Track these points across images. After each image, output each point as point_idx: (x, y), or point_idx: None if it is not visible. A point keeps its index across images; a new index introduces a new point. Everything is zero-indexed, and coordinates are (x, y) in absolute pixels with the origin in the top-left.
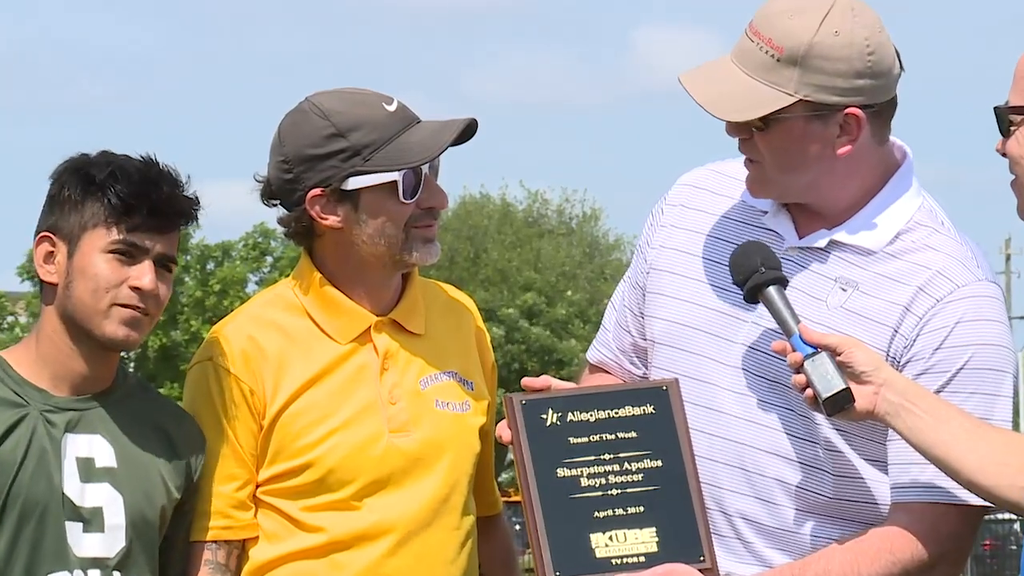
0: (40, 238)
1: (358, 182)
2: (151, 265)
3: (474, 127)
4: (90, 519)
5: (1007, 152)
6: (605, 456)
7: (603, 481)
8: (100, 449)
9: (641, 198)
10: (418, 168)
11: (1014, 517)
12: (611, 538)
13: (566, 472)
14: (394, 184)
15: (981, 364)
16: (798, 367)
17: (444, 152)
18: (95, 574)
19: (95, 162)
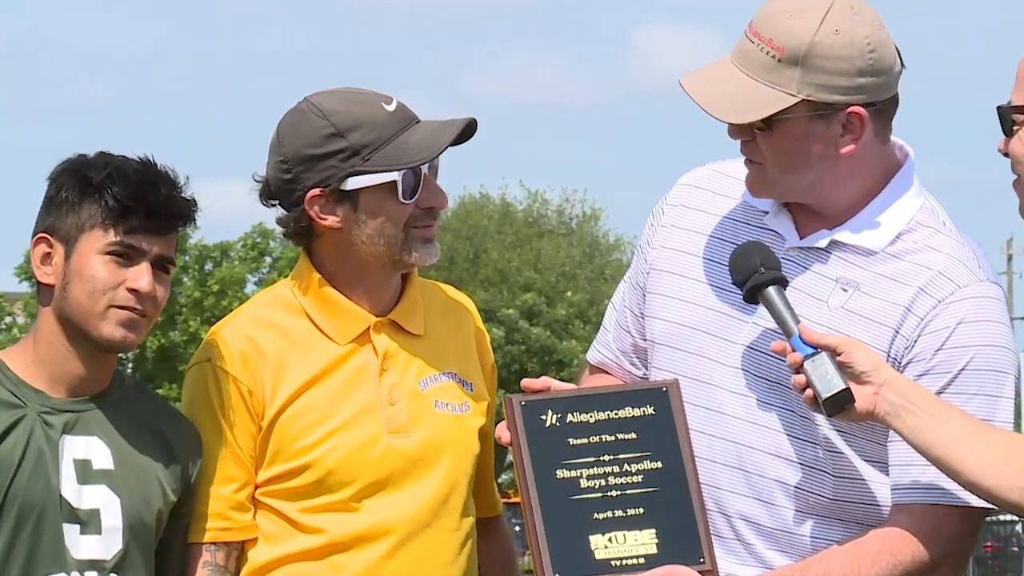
0: (37, 239)
1: (357, 182)
2: (148, 267)
3: (474, 127)
4: (87, 521)
5: (1009, 152)
6: (605, 457)
7: (603, 482)
8: (97, 451)
9: (641, 198)
10: (417, 168)
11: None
12: (611, 540)
13: (565, 473)
14: (393, 184)
15: (983, 365)
16: (798, 367)
17: (444, 152)
18: None
19: (92, 163)
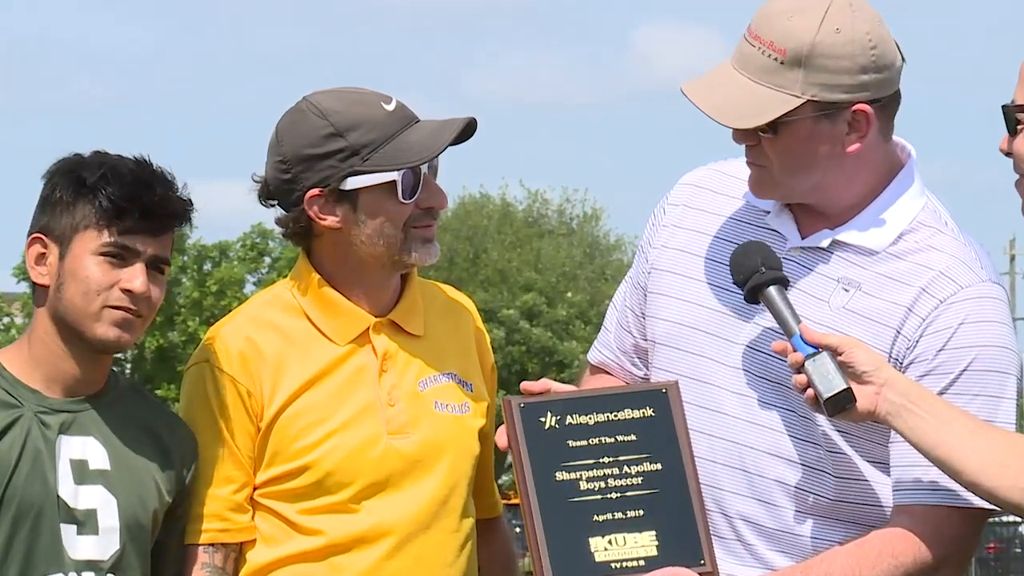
0: (32, 239)
1: (356, 182)
2: (143, 267)
3: (473, 126)
4: (84, 521)
5: (1012, 151)
6: (604, 459)
7: (602, 484)
8: (94, 451)
9: (642, 198)
10: (417, 168)
11: (1019, 520)
12: (610, 542)
13: (565, 475)
14: (393, 184)
15: (985, 366)
16: (799, 367)
17: (443, 152)
18: None
19: (87, 163)
